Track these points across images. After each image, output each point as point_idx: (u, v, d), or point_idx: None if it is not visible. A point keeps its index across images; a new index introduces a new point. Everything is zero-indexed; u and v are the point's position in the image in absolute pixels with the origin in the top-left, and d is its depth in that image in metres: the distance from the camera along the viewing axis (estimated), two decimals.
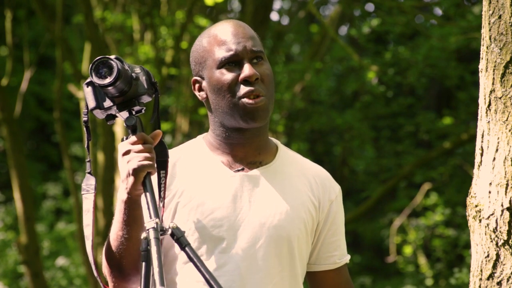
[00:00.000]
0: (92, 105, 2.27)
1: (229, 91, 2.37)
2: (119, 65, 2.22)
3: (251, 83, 2.37)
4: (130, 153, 2.24)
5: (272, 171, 2.44)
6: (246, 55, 2.38)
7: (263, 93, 2.38)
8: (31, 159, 12.93)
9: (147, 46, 8.54)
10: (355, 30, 9.34)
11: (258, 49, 2.41)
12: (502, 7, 2.22)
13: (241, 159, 2.43)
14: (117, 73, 2.20)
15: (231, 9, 11.36)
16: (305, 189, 2.46)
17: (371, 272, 12.99)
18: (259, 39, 2.47)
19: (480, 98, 2.28)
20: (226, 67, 2.39)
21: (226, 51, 2.38)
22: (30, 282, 7.96)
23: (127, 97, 2.26)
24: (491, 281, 2.22)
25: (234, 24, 2.43)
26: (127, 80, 2.24)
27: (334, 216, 2.49)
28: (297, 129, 10.65)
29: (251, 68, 2.37)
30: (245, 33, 2.42)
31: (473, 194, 2.27)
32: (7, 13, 8.64)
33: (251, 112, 2.37)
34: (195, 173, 2.42)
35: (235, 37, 2.40)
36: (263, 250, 2.37)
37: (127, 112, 2.27)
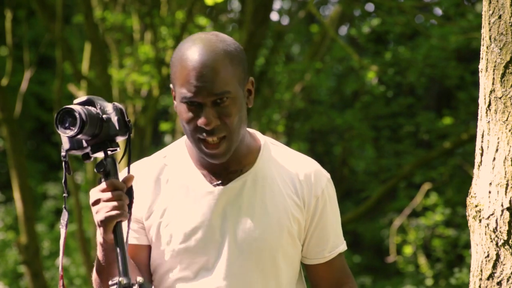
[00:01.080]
0: (67, 147, 2.26)
1: (189, 127, 2.33)
2: (83, 114, 2.18)
3: (208, 130, 2.31)
4: (99, 203, 2.21)
5: (253, 178, 2.41)
6: (206, 99, 2.29)
7: (222, 135, 2.32)
8: (31, 159, 12.93)
9: (147, 46, 8.54)
10: (355, 30, 9.34)
11: (221, 90, 2.29)
12: (502, 7, 2.22)
13: (221, 170, 2.41)
14: (80, 123, 2.18)
15: (231, 9, 11.36)
16: (288, 191, 2.43)
17: (371, 272, 12.98)
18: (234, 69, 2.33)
19: (480, 98, 2.28)
20: (186, 106, 2.32)
21: (187, 92, 2.30)
22: (30, 282, 7.96)
23: (99, 139, 2.24)
24: (491, 281, 2.22)
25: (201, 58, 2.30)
26: (95, 124, 2.21)
27: (322, 211, 2.45)
28: (297, 129, 10.65)
29: (208, 116, 2.29)
30: (209, 73, 2.29)
31: (473, 194, 2.27)
32: (7, 13, 8.64)
33: (211, 156, 2.34)
34: (177, 190, 2.41)
35: (198, 79, 2.29)
36: (246, 265, 2.36)
37: (102, 153, 2.25)
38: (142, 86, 8.74)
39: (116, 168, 2.25)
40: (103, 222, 2.20)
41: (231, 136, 2.33)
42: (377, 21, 9.05)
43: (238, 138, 2.36)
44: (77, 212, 8.82)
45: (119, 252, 2.19)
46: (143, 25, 9.04)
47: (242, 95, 2.36)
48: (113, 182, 2.22)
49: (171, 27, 8.39)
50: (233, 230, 2.37)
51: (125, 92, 8.97)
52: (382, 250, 12.38)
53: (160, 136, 12.96)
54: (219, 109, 2.31)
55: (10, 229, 11.47)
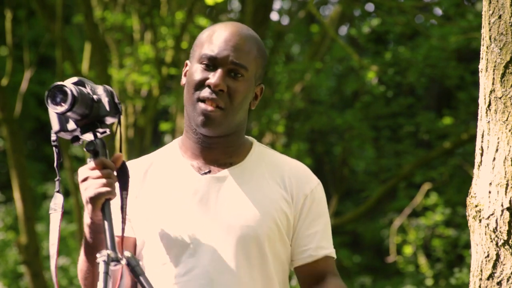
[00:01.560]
0: (56, 128, 2.27)
1: (194, 88, 2.38)
2: (74, 91, 2.19)
3: (214, 91, 2.35)
4: (88, 180, 2.24)
5: (241, 170, 2.43)
6: (224, 64, 2.36)
7: (222, 105, 2.36)
8: (31, 159, 12.92)
9: (147, 46, 8.54)
10: (355, 30, 9.34)
11: (241, 63, 2.37)
12: (502, 7, 2.22)
13: (211, 162, 2.43)
14: (72, 99, 2.19)
15: (231, 9, 11.36)
16: (276, 186, 2.44)
17: (371, 272, 12.98)
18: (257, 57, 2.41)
19: (480, 98, 2.28)
20: (203, 65, 2.38)
21: (209, 51, 2.37)
22: (30, 282, 7.96)
23: (89, 120, 2.25)
24: (491, 281, 2.22)
25: (234, 31, 2.40)
26: (86, 103, 2.22)
27: (309, 209, 2.45)
28: (297, 129, 10.64)
29: (220, 77, 2.35)
30: (238, 43, 2.38)
31: (473, 194, 2.27)
32: (7, 13, 8.64)
33: (202, 117, 2.37)
34: (164, 179, 2.43)
35: (225, 43, 2.37)
36: (231, 252, 2.36)
37: (91, 134, 2.27)
38: (142, 86, 8.74)
39: (106, 149, 2.28)
40: (92, 199, 2.22)
41: (229, 112, 2.37)
42: (377, 21, 9.04)
43: (233, 120, 2.39)
44: (77, 212, 8.82)
45: (108, 227, 2.20)
46: (143, 25, 9.04)
47: (253, 86, 2.42)
48: (102, 160, 2.24)
49: (171, 27, 8.39)
50: (220, 217, 2.38)
51: (125, 92, 8.97)
52: (382, 250, 12.38)
53: (160, 136, 12.96)
54: (230, 81, 2.36)
55: (10, 229, 11.47)
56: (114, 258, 2.17)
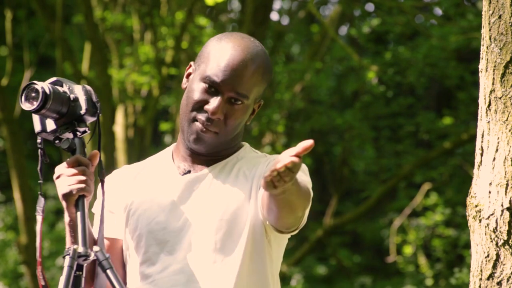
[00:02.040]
0: (38, 129, 2.32)
1: (192, 106, 2.39)
2: (46, 89, 2.21)
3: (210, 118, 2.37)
4: (61, 177, 2.28)
5: (221, 167, 2.45)
6: (225, 91, 2.37)
7: (216, 130, 2.38)
8: (31, 159, 12.92)
9: (147, 46, 8.54)
10: (355, 30, 9.34)
11: (243, 93, 2.37)
12: (502, 7, 2.22)
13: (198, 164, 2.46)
14: (43, 96, 2.20)
15: (231, 9, 11.36)
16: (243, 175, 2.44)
17: (371, 272, 12.98)
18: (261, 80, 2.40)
19: (480, 98, 2.28)
20: (205, 86, 2.38)
21: (213, 75, 2.37)
22: (30, 282, 7.96)
23: (67, 119, 2.27)
24: (491, 281, 2.22)
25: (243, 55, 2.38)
26: (61, 101, 2.24)
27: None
28: (297, 129, 10.64)
29: (218, 106, 2.36)
30: (243, 72, 2.37)
31: (473, 194, 2.27)
32: (7, 13, 8.64)
33: (196, 137, 2.39)
34: (149, 181, 2.47)
35: (231, 70, 2.36)
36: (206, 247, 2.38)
37: (70, 133, 2.29)
38: (142, 86, 8.74)
39: (84, 148, 2.30)
40: (65, 195, 2.27)
41: (222, 137, 2.40)
42: (377, 21, 9.04)
43: (225, 142, 2.42)
44: None
45: (80, 222, 2.24)
46: (143, 25, 9.04)
47: (250, 109, 2.44)
48: (77, 157, 2.28)
49: (171, 27, 8.39)
50: (196, 214, 2.40)
51: (125, 92, 8.97)
52: (382, 250, 12.38)
53: (160, 136, 12.96)
54: (229, 107, 2.37)
55: (10, 229, 11.47)
56: (82, 253, 2.22)
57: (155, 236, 2.39)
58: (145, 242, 2.40)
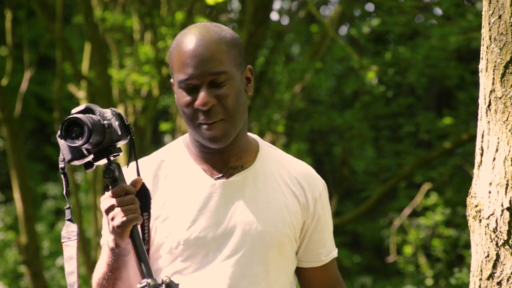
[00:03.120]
0: (69, 157, 2.25)
1: (187, 113, 2.34)
2: (89, 123, 2.17)
3: (205, 110, 2.32)
4: (113, 209, 2.22)
5: (254, 174, 2.41)
6: (203, 80, 2.31)
7: (220, 117, 2.32)
8: (31, 159, 12.93)
9: (147, 46, 8.54)
10: (355, 30, 9.34)
11: (217, 70, 2.32)
12: (502, 7, 2.22)
13: (222, 165, 2.41)
14: (88, 133, 2.17)
15: (231, 9, 11.36)
16: (288, 189, 2.43)
17: (371, 272, 12.98)
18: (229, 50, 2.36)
19: (480, 98, 2.28)
20: (184, 89, 2.34)
21: (183, 75, 2.33)
22: (30, 282, 7.96)
23: (102, 146, 2.23)
24: (491, 281, 2.22)
25: (196, 41, 2.33)
26: (100, 132, 2.20)
27: (320, 213, 2.46)
28: (297, 129, 10.65)
29: (204, 96, 2.30)
30: (205, 52, 2.32)
31: (473, 194, 2.27)
32: (7, 13, 8.64)
33: (210, 139, 2.34)
34: (176, 184, 2.40)
35: (194, 59, 2.32)
36: (248, 257, 2.35)
37: (105, 159, 2.25)
38: (142, 86, 8.74)
39: (122, 173, 2.25)
40: (120, 227, 2.21)
41: (229, 119, 2.33)
42: (377, 21, 9.04)
43: (237, 123, 2.36)
44: (77, 212, 8.81)
45: (141, 254, 2.21)
46: (143, 25, 9.04)
47: (240, 79, 2.37)
48: (123, 186, 2.23)
49: (171, 27, 8.39)
50: (236, 222, 2.36)
51: (125, 92, 8.97)
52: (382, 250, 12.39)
53: (160, 136, 12.97)
54: (216, 90, 2.32)
55: (10, 229, 11.48)
56: (154, 286, 2.18)
57: (194, 244, 2.34)
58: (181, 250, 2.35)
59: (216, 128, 2.33)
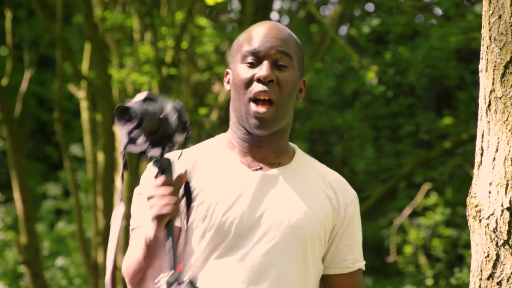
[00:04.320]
0: (125, 141, 2.27)
1: (244, 87, 2.39)
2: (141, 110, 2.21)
3: (264, 83, 2.37)
4: (153, 198, 2.24)
5: (290, 171, 2.45)
6: (268, 55, 2.39)
7: (273, 97, 2.38)
8: (31, 159, 12.92)
9: (147, 46, 8.54)
10: (355, 30, 9.34)
11: (285, 51, 2.40)
12: (502, 7, 2.22)
13: (260, 160, 2.45)
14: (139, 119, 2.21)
15: (231, 9, 11.36)
16: (322, 191, 2.47)
17: (371, 272, 12.98)
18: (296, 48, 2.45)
19: (480, 98, 2.28)
20: (247, 64, 2.39)
21: (250, 46, 2.39)
22: (30, 282, 7.96)
23: (157, 136, 2.26)
24: (491, 281, 2.22)
25: (271, 25, 2.43)
26: (153, 121, 2.24)
27: (350, 220, 2.48)
28: (297, 129, 10.65)
29: (268, 68, 2.37)
30: (277, 34, 2.41)
31: (473, 194, 2.27)
32: (7, 13, 8.64)
33: (257, 120, 2.38)
34: (214, 171, 2.43)
35: (265, 36, 2.40)
36: (280, 248, 2.37)
37: (159, 149, 2.28)
38: (142, 86, 8.73)
39: (172, 166, 2.27)
40: (159, 217, 2.22)
41: (279, 106, 2.39)
42: (377, 21, 9.04)
43: (283, 114, 2.41)
44: (77, 212, 8.82)
45: (171, 247, 2.22)
46: (143, 25, 9.04)
47: (298, 79, 2.46)
48: (167, 178, 2.24)
49: (171, 27, 8.39)
50: (271, 213, 2.38)
51: (125, 92, 8.97)
52: (382, 250, 12.38)
53: None
54: (277, 72, 2.39)
55: (10, 229, 11.47)
56: (176, 279, 2.18)
57: (228, 229, 2.36)
58: (215, 235, 2.36)
59: (265, 107, 2.37)
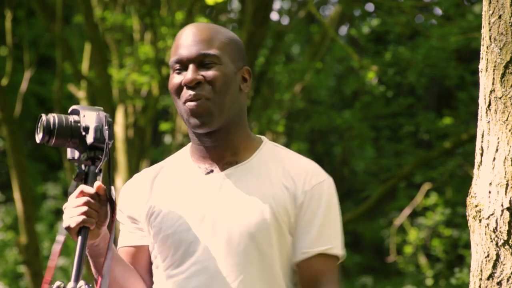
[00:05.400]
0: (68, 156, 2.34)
1: (176, 95, 2.40)
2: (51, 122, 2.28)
3: (192, 87, 2.37)
4: (66, 209, 2.26)
5: (245, 169, 2.43)
6: (192, 60, 2.38)
7: (205, 96, 2.36)
8: (31, 159, 12.92)
9: (147, 46, 8.54)
10: (355, 30, 9.34)
11: (207, 52, 2.38)
12: (502, 7, 2.22)
13: (217, 161, 2.44)
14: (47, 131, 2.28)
15: (231, 9, 11.36)
16: (279, 182, 2.42)
17: (372, 272, 12.99)
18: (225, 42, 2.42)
19: (480, 98, 2.28)
20: (175, 71, 2.40)
21: (174, 56, 2.40)
22: (30, 282, 7.96)
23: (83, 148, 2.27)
24: (491, 281, 2.22)
25: (192, 28, 2.42)
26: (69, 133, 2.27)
27: (308, 206, 2.41)
28: (297, 129, 10.65)
29: (192, 72, 2.37)
30: (198, 36, 2.40)
31: (473, 194, 2.27)
32: (7, 13, 8.64)
33: (193, 116, 2.38)
34: (171, 183, 2.45)
35: (186, 41, 2.39)
36: (227, 248, 2.36)
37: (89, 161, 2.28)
38: (142, 86, 8.74)
39: (95, 176, 2.27)
40: (66, 228, 2.25)
41: (214, 101, 2.37)
42: (377, 21, 9.05)
43: (223, 108, 2.38)
44: None
45: (77, 255, 2.23)
46: (143, 25, 9.04)
47: (233, 72, 2.41)
48: (82, 188, 2.26)
49: (171, 27, 8.39)
50: (219, 215, 2.38)
51: (125, 92, 8.97)
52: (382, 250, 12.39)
53: (160, 136, 12.96)
54: (204, 71, 2.38)
55: (10, 229, 11.48)
56: None
57: (179, 238, 2.37)
58: (171, 244, 2.38)
59: (199, 104, 2.37)
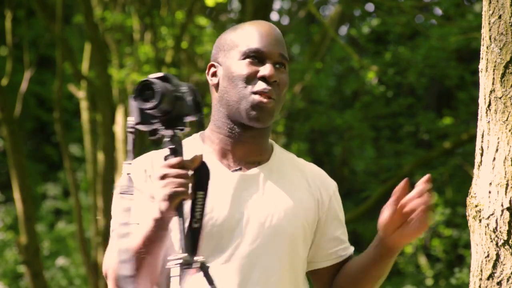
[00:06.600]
0: (137, 120, 2.27)
1: (243, 82, 2.38)
2: (162, 88, 2.20)
3: (268, 82, 2.38)
4: (166, 178, 2.22)
5: (269, 169, 2.44)
6: (272, 57, 2.41)
7: (274, 96, 2.39)
8: (31, 159, 12.92)
9: (147, 46, 8.54)
10: (355, 30, 9.35)
11: (285, 55, 2.43)
12: (502, 7, 2.22)
13: (240, 158, 2.43)
14: (160, 97, 2.20)
15: (231, 9, 11.36)
16: (302, 186, 2.45)
17: None
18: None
19: (480, 98, 2.28)
20: (249, 60, 2.40)
21: (255, 44, 2.40)
22: (30, 282, 7.96)
23: (171, 116, 2.25)
24: (491, 281, 2.22)
25: (270, 26, 2.46)
26: (170, 101, 2.23)
27: (334, 211, 2.49)
28: (297, 129, 10.64)
29: (272, 69, 2.39)
30: (277, 36, 2.44)
31: (473, 194, 2.27)
32: (7, 13, 8.64)
33: (258, 110, 2.37)
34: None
35: (268, 37, 2.42)
36: (262, 249, 2.36)
37: (171, 131, 2.27)
38: None
39: (182, 148, 2.26)
40: (170, 197, 2.20)
41: (278, 104, 2.41)
42: (377, 21, 9.05)
43: (278, 111, 2.43)
44: (77, 212, 8.82)
45: (182, 228, 2.20)
46: (143, 25, 9.04)
47: None
48: (182, 160, 2.23)
49: (171, 27, 8.39)
50: (252, 214, 2.37)
51: (125, 92, 8.97)
52: None
53: None
54: (277, 72, 2.41)
55: (10, 229, 11.48)
56: (187, 262, 2.17)
57: (209, 233, 2.35)
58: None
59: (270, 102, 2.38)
